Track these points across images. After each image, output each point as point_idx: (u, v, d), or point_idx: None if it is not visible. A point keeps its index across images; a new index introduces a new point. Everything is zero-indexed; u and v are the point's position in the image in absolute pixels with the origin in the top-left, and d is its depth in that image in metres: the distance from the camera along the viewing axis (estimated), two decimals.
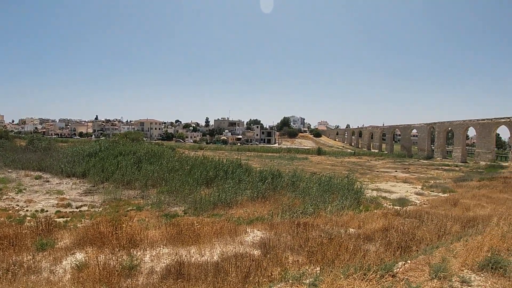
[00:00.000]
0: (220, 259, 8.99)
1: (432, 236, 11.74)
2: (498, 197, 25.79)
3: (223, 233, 11.79)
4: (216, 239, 11.15)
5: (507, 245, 8.35)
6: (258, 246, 10.45)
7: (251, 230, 12.55)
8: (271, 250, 9.63)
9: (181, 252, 9.53)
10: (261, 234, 11.99)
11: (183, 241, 10.91)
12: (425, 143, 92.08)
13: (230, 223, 13.66)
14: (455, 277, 6.41)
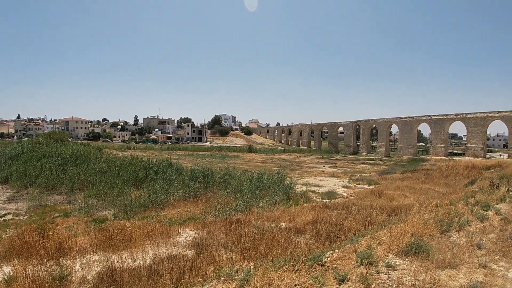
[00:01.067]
0: (153, 262, 8.82)
1: (359, 226, 12.29)
2: (420, 187, 27.41)
3: (155, 235, 11.60)
4: (148, 242, 10.96)
5: (428, 231, 8.95)
6: (191, 246, 10.41)
7: (184, 231, 12.46)
8: (205, 249, 9.63)
9: (113, 258, 9.21)
10: (194, 234, 11.95)
11: (113, 246, 10.58)
12: (351, 140, 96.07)
13: (162, 225, 13.43)
14: (381, 263, 6.77)
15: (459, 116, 68.07)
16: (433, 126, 71.88)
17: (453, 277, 6.44)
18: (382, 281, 6.11)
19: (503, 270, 7.08)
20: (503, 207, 13.38)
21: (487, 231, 9.64)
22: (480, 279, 6.37)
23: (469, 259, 7.35)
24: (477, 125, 63.91)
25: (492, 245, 8.37)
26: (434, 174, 37.01)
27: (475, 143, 64.18)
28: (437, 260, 6.99)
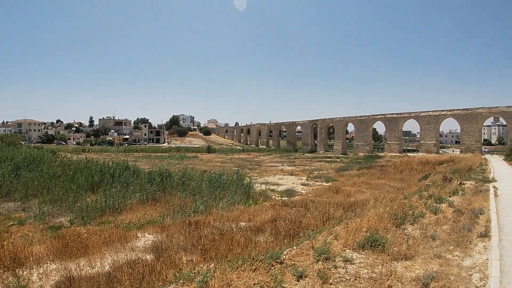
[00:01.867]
0: (111, 268, 8.55)
1: (318, 222, 12.44)
2: (376, 183, 28.05)
3: (112, 241, 11.29)
4: (106, 248, 10.65)
5: (384, 224, 9.15)
6: (150, 250, 10.21)
7: (142, 235, 12.22)
8: (164, 253, 9.48)
9: (70, 266, 8.88)
10: (153, 238, 11.74)
11: (71, 254, 10.18)
12: (309, 138, 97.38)
13: (119, 230, 13.10)
14: (338, 258, 6.86)
15: (412, 114, 70.29)
16: (388, 124, 73.87)
17: (409, 268, 6.61)
18: (340, 276, 6.21)
19: (458, 259, 7.33)
20: (456, 199, 13.90)
21: (441, 223, 9.97)
22: (436, 269, 6.56)
23: (424, 250, 7.57)
24: (430, 122, 66.17)
25: (446, 236, 8.66)
26: (389, 170, 38.04)
27: (428, 140, 66.35)
28: (393, 252, 7.17)
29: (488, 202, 13.52)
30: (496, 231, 9.38)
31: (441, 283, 5.97)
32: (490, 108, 60.14)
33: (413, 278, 6.11)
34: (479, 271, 6.70)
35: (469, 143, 60.83)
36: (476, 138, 60.83)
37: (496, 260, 7.15)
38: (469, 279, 6.31)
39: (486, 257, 7.44)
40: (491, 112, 61.01)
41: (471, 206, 12.53)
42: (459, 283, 6.12)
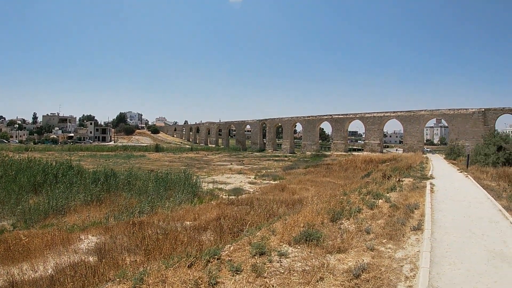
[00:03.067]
0: (54, 272, 8.34)
1: (261, 219, 12.64)
2: (321, 180, 28.70)
3: (55, 244, 10.98)
4: (49, 251, 10.34)
5: (321, 219, 9.42)
6: (93, 252, 10.01)
7: (86, 237, 11.93)
8: (107, 254, 9.34)
9: (13, 271, 8.59)
10: (96, 239, 11.51)
11: (13, 258, 9.88)
12: (258, 137, 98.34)
13: (62, 232, 12.77)
14: (274, 252, 7.02)
15: (358, 115, 72.68)
16: (334, 124, 75.90)
17: (342, 261, 6.85)
18: (274, 269, 6.36)
19: (390, 251, 7.67)
20: (393, 195, 14.50)
21: (376, 218, 10.39)
22: (368, 261, 6.83)
23: (358, 243, 7.87)
24: (375, 123, 68.71)
25: (380, 230, 9.03)
26: (334, 168, 39.04)
27: (372, 140, 68.82)
28: (327, 246, 7.41)
29: (424, 197, 14.19)
30: (429, 224, 9.87)
31: (372, 274, 6.22)
32: (432, 110, 63.50)
33: (345, 270, 6.33)
34: (410, 262, 7.02)
35: (411, 143, 63.57)
36: (418, 138, 63.74)
37: (427, 251, 7.53)
38: (400, 270, 6.60)
39: (418, 249, 7.80)
40: (433, 114, 64.42)
41: (407, 201, 13.10)
42: (390, 273, 6.40)
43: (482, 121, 56.84)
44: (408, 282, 6.13)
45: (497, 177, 23.16)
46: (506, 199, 15.27)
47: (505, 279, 6.44)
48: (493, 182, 21.45)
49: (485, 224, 10.72)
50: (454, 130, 59.90)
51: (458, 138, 57.38)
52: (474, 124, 57.32)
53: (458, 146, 50.58)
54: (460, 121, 59.00)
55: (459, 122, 59.04)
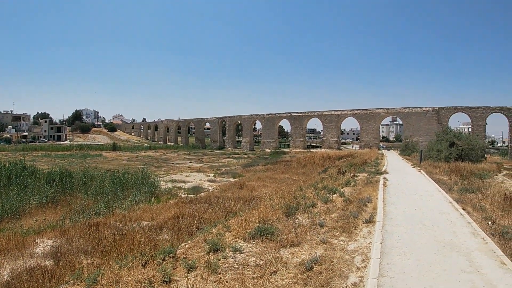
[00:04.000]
0: (10, 277, 8.16)
1: (219, 217, 12.66)
2: (280, 177, 28.95)
3: (10, 249, 10.64)
4: (4, 257, 10.05)
5: (276, 215, 9.54)
6: (49, 255, 9.78)
7: (41, 240, 11.61)
8: (64, 257, 9.13)
9: None
10: (52, 243, 11.21)
11: None
12: (218, 135, 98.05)
13: (17, 236, 12.41)
14: (228, 248, 7.08)
15: (316, 113, 73.85)
16: (293, 122, 76.70)
17: (296, 254, 6.97)
18: (229, 265, 6.43)
19: (342, 244, 7.86)
20: (347, 190, 14.85)
21: (330, 212, 10.61)
22: (320, 253, 6.98)
23: (311, 237, 8.03)
24: (332, 121, 70.06)
25: (333, 223, 9.24)
26: (293, 164, 39.48)
27: (330, 137, 70.13)
28: (281, 240, 7.54)
29: (377, 191, 14.60)
30: (381, 217, 10.17)
31: (324, 266, 6.37)
32: (387, 109, 65.74)
33: (298, 263, 6.45)
34: (362, 254, 7.22)
35: (367, 140, 65.25)
36: (374, 135, 65.56)
37: (378, 243, 7.77)
38: (352, 261, 6.78)
39: (370, 241, 8.02)
40: (389, 112, 66.92)
41: (361, 195, 13.45)
42: (342, 265, 6.57)
43: (436, 119, 59.35)
44: (359, 273, 6.30)
45: (449, 171, 24.06)
46: (457, 192, 15.93)
47: (454, 267, 6.73)
48: (445, 176, 22.26)
49: (436, 215, 11.15)
50: (409, 127, 62.21)
51: (413, 135, 59.67)
52: (428, 122, 59.79)
53: (413, 142, 52.56)
54: (414, 119, 61.41)
55: (414, 120, 61.45)
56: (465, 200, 13.98)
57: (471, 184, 17.80)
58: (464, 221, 10.52)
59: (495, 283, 6.11)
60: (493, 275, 6.46)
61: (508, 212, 11.64)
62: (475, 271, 6.63)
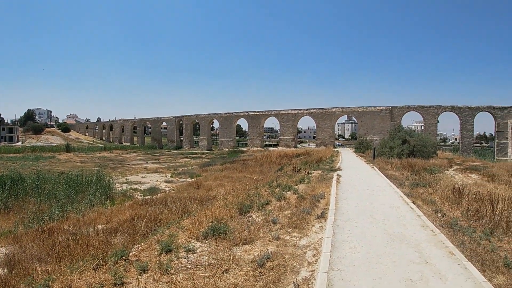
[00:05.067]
0: None
1: (175, 217, 12.60)
2: (237, 176, 29.03)
3: None
4: None
5: (230, 214, 9.62)
6: (3, 263, 9.51)
7: None
8: (17, 265, 8.90)
9: None
10: (5, 250, 10.87)
11: None
12: (175, 135, 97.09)
13: None
14: (181, 249, 7.09)
15: (273, 112, 74.78)
16: (251, 121, 77.15)
17: (248, 252, 7.06)
18: (181, 265, 6.45)
19: (295, 239, 8.02)
20: (301, 187, 15.11)
21: (284, 209, 10.79)
22: (272, 250, 7.11)
23: (264, 234, 8.14)
24: (289, 120, 71.02)
25: (286, 220, 9.40)
26: (250, 163, 39.66)
27: (287, 135, 71.01)
28: (234, 238, 7.63)
29: (330, 188, 14.94)
30: (333, 212, 10.43)
31: (276, 262, 6.49)
32: (343, 108, 67.75)
33: (251, 260, 6.55)
34: (313, 249, 7.39)
35: (323, 138, 66.64)
36: (330, 133, 67.12)
37: (329, 237, 7.96)
38: (303, 256, 6.93)
39: (321, 236, 8.22)
40: (344, 111, 69.06)
41: (314, 192, 13.74)
42: (293, 260, 6.71)
43: (389, 117, 61.93)
44: (311, 267, 6.46)
45: (401, 167, 24.84)
46: (408, 186, 16.50)
47: (403, 259, 7.00)
48: (397, 172, 22.98)
49: (387, 209, 11.52)
50: (363, 126, 64.58)
51: (367, 133, 61.86)
52: (381, 121, 62.35)
53: (367, 140, 54.17)
54: (369, 118, 63.82)
55: (368, 119, 63.88)
56: (415, 194, 14.51)
57: (422, 179, 18.47)
58: (414, 214, 10.92)
59: (444, 273, 6.38)
60: (442, 265, 6.75)
61: (457, 205, 12.12)
62: (424, 262, 6.90)
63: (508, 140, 58.21)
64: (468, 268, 6.61)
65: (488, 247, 7.87)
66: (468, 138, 61.14)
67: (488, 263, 7.02)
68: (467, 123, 60.55)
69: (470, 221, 10.32)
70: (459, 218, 10.58)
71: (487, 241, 8.41)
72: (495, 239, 8.61)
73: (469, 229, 9.23)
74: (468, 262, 6.88)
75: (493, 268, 6.80)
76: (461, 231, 9.07)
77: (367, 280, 5.98)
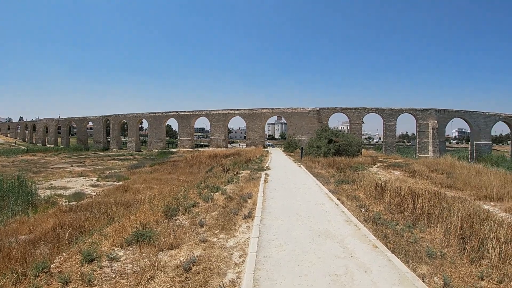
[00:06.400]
0: None
1: (101, 224, 12.21)
2: (166, 178, 28.56)
3: None
4: None
5: (155, 218, 9.46)
6: None
7: None
8: None
9: None
10: None
11: None
12: (101, 135, 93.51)
13: None
14: (104, 257, 6.85)
15: (204, 112, 74.40)
16: (181, 121, 76.17)
17: (174, 256, 6.98)
18: (105, 275, 6.26)
19: (222, 241, 8.03)
20: (229, 187, 15.17)
21: (211, 210, 10.77)
22: (199, 253, 7.06)
23: (190, 237, 8.08)
24: (220, 120, 71.07)
25: (213, 221, 9.39)
26: (180, 164, 39.22)
27: (218, 136, 71.02)
28: (160, 243, 7.49)
29: (258, 187, 15.16)
30: (260, 212, 10.58)
31: (203, 266, 6.47)
32: (273, 109, 69.32)
33: (176, 265, 6.48)
34: (240, 250, 7.45)
35: (254, 138, 67.42)
36: (260, 134, 68.01)
37: (255, 237, 8.06)
38: (230, 258, 6.96)
39: (248, 236, 8.31)
40: (274, 112, 70.69)
41: (242, 192, 13.86)
42: (220, 262, 6.72)
43: (317, 118, 64.47)
44: (237, 269, 6.50)
45: (327, 165, 25.65)
46: (334, 183, 17.06)
47: (328, 254, 7.23)
48: (323, 170, 23.68)
49: (312, 207, 11.86)
50: (292, 126, 66.50)
51: (296, 133, 63.84)
52: (310, 121, 64.71)
53: (295, 140, 55.69)
54: (297, 118, 65.92)
55: (297, 119, 65.96)
56: (340, 191, 15.03)
57: (346, 176, 19.14)
58: (339, 210, 11.32)
59: (368, 266, 6.65)
60: (366, 258, 7.04)
61: (380, 200, 12.66)
62: (349, 256, 7.16)
63: (428, 139, 63.05)
64: (392, 260, 6.95)
65: (411, 239, 8.30)
66: (391, 138, 65.35)
67: (411, 254, 7.40)
68: (390, 123, 64.83)
69: (392, 214, 10.84)
70: (382, 212, 11.10)
71: (410, 233, 8.88)
72: (417, 231, 9.08)
73: (392, 223, 9.72)
74: (392, 254, 7.23)
75: (416, 258, 7.17)
76: (384, 225, 9.51)
77: (293, 277, 6.11)
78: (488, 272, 6.36)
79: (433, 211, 9.96)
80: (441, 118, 63.27)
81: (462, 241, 7.80)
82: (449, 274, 6.40)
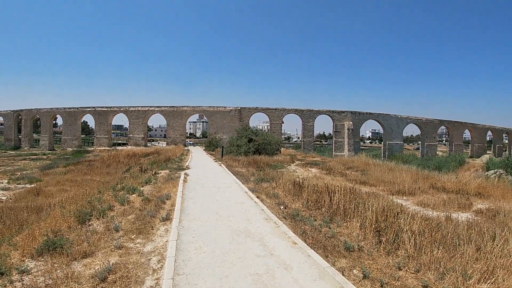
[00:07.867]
0: None
1: (12, 232, 11.29)
2: (82, 179, 27.28)
3: None
4: None
5: (68, 224, 8.92)
6: None
7: None
8: None
9: None
10: None
11: None
12: (12, 132, 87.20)
13: None
14: (14, 271, 6.30)
15: (122, 109, 72.03)
16: (97, 117, 73.10)
17: (89, 265, 6.61)
18: None
19: (139, 246, 7.73)
20: (147, 188, 14.77)
21: (127, 213, 10.37)
22: (115, 261, 6.74)
23: (105, 243, 7.69)
24: (139, 117, 69.25)
25: (130, 226, 9.03)
26: (96, 164, 37.74)
27: (137, 134, 69.17)
28: (73, 252, 7.02)
29: (177, 187, 14.91)
30: (178, 213, 10.39)
31: (119, 274, 6.19)
32: (194, 107, 69.44)
33: (92, 275, 6.13)
34: (158, 254, 7.24)
35: (174, 137, 66.78)
36: (180, 132, 67.52)
37: (174, 240, 7.89)
38: (148, 264, 6.73)
39: (166, 240, 8.10)
40: (195, 110, 70.92)
41: (160, 193, 13.55)
42: (138, 269, 6.46)
43: (238, 117, 65.75)
44: (156, 275, 6.30)
45: (247, 164, 25.85)
46: (253, 182, 17.20)
47: (248, 254, 7.25)
48: (243, 168, 23.83)
49: (232, 206, 11.92)
50: (214, 125, 67.19)
51: (217, 132, 64.49)
52: (231, 120, 65.95)
53: (216, 139, 55.93)
54: (219, 117, 66.75)
55: (218, 118, 66.79)
56: (260, 189, 15.21)
57: (266, 175, 19.40)
58: (258, 208, 11.45)
59: (288, 262, 6.75)
60: (286, 255, 7.15)
61: (298, 197, 12.98)
62: (269, 254, 7.23)
63: (344, 139, 67.36)
64: (311, 255, 7.11)
65: (329, 234, 8.57)
66: (309, 137, 69.06)
67: (330, 248, 7.61)
68: (308, 124, 68.49)
69: (310, 211, 11.14)
70: (300, 209, 11.38)
71: (327, 228, 9.17)
72: (334, 226, 9.39)
73: (310, 219, 10.00)
74: (311, 250, 7.40)
75: (335, 252, 7.39)
76: (302, 221, 9.76)
77: (214, 280, 6.05)
78: (405, 262, 6.71)
79: (349, 206, 10.36)
80: (356, 119, 68.04)
81: (378, 234, 8.19)
82: (368, 266, 6.66)
